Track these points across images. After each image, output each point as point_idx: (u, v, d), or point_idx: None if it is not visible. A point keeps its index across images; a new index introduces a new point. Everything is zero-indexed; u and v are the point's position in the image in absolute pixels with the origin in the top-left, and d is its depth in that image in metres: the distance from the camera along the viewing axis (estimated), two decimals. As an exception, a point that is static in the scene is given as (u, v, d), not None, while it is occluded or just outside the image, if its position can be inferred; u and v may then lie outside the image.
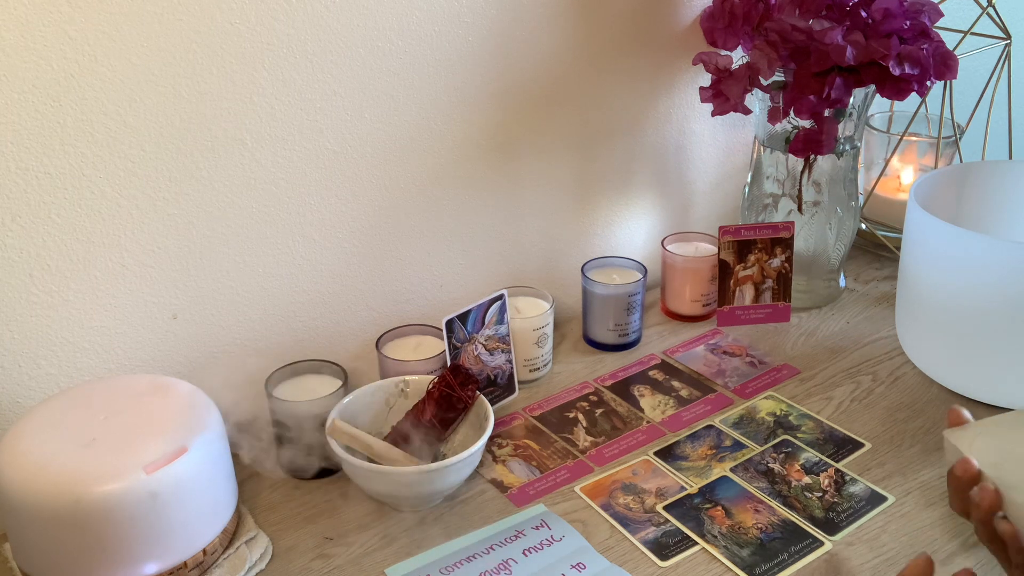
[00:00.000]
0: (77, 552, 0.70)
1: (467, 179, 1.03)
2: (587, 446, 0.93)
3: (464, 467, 0.83)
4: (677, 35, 1.13)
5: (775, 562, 0.78)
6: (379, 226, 0.99)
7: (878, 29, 0.96)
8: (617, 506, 0.85)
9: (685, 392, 1.02)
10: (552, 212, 1.13)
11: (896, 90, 0.97)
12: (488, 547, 0.80)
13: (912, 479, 0.87)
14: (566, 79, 1.06)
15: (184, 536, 0.74)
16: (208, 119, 0.84)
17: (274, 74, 0.86)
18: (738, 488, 0.87)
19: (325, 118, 0.91)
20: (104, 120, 0.79)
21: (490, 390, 0.97)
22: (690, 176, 1.24)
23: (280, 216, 0.92)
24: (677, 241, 1.17)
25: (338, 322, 1.00)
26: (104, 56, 0.77)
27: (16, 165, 0.77)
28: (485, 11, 0.97)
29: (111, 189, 0.82)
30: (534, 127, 1.06)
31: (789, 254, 1.11)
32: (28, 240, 0.80)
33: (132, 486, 0.69)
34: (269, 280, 0.94)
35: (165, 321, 0.89)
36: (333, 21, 0.88)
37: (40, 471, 0.70)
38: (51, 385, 0.85)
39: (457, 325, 0.92)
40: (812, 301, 1.18)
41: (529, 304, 1.04)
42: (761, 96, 1.08)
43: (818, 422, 0.96)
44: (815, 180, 1.11)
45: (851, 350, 1.08)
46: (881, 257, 1.29)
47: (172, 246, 0.87)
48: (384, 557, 0.80)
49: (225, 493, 0.79)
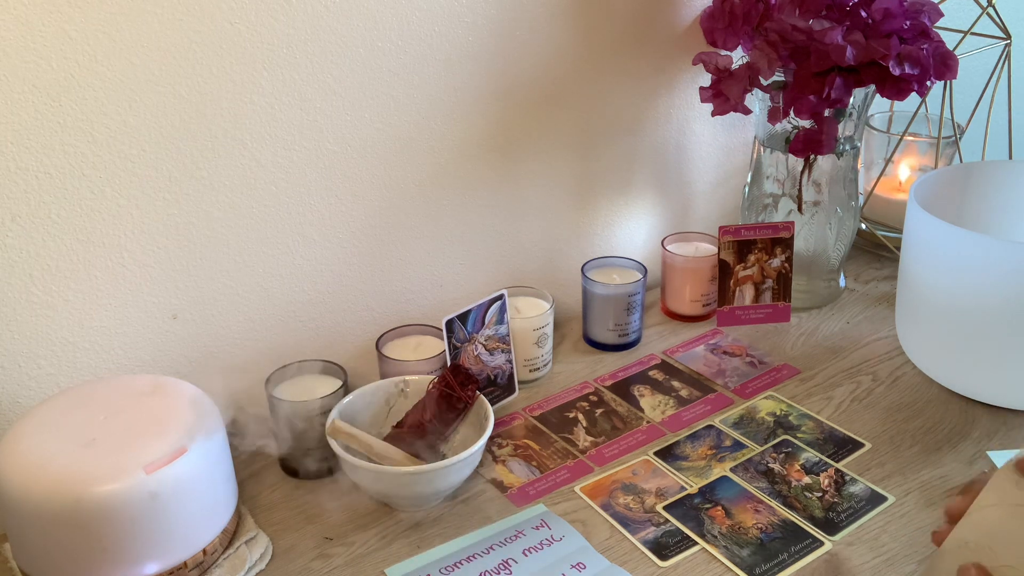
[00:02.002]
0: (77, 552, 0.70)
1: (467, 179, 1.03)
2: (587, 446, 0.93)
3: (464, 467, 0.83)
4: (677, 35, 1.13)
5: (775, 562, 0.78)
6: (379, 226, 0.99)
7: (878, 29, 0.96)
8: (617, 506, 0.85)
9: (685, 392, 1.02)
10: (552, 212, 1.12)
11: (896, 90, 0.97)
12: (488, 547, 0.80)
13: (912, 479, 0.87)
14: (566, 79, 1.06)
15: (184, 536, 0.74)
16: (208, 119, 0.84)
17: (274, 74, 0.86)
18: (738, 488, 0.87)
19: (325, 118, 0.91)
20: (104, 120, 0.79)
21: (490, 390, 0.97)
22: (690, 176, 1.24)
23: (280, 216, 0.92)
24: (677, 241, 1.17)
25: (338, 322, 1.00)
26: (104, 56, 0.77)
27: (16, 165, 0.77)
28: (485, 11, 0.97)
29: (111, 189, 0.82)
30: (534, 127, 1.06)
31: (789, 254, 1.11)
32: (28, 240, 0.80)
33: (132, 486, 0.69)
34: (269, 280, 0.94)
35: (165, 321, 0.89)
36: (333, 21, 0.88)
37: (40, 471, 0.70)
38: (51, 385, 0.85)
39: (457, 325, 0.92)
40: (812, 301, 1.18)
41: (529, 304, 1.04)
42: (761, 96, 1.08)
43: (818, 422, 0.96)
44: (815, 180, 1.11)
45: (851, 350, 1.08)
46: (881, 257, 1.29)
47: (172, 246, 0.87)
48: (384, 557, 0.80)
49: (225, 493, 0.79)
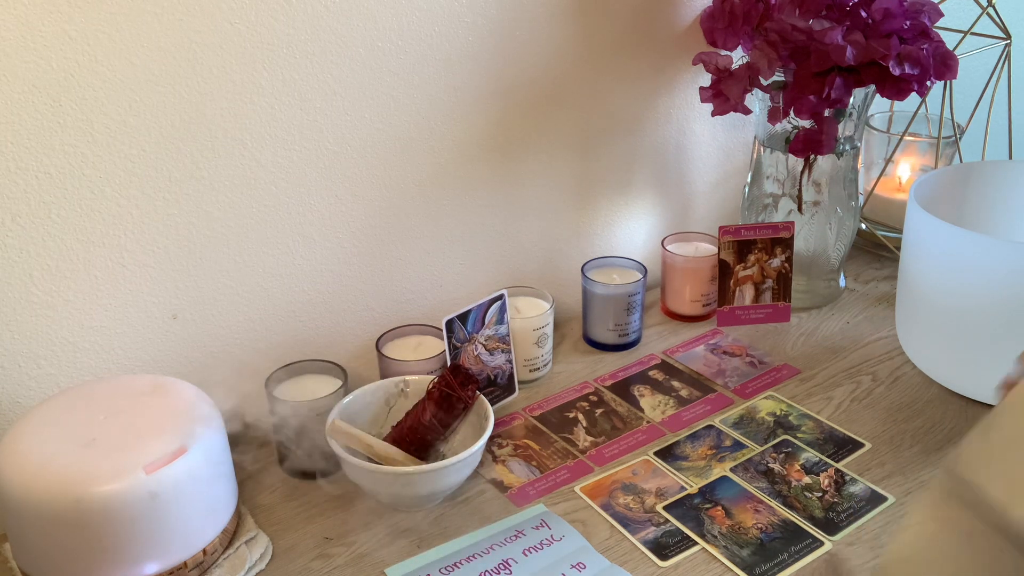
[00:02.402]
0: (77, 552, 0.70)
1: (467, 179, 1.03)
2: (587, 446, 0.93)
3: (464, 467, 0.83)
4: (677, 35, 1.13)
5: (775, 562, 0.78)
6: (379, 226, 0.99)
7: (878, 29, 0.96)
8: (617, 506, 0.85)
9: (685, 392, 1.02)
10: (552, 212, 1.12)
11: (896, 90, 0.97)
12: (488, 547, 0.80)
13: (912, 479, 0.87)
14: (566, 79, 1.06)
15: (184, 536, 0.74)
16: (208, 119, 0.84)
17: (274, 74, 0.86)
18: (738, 488, 0.87)
19: (325, 118, 0.91)
20: (104, 120, 0.79)
21: (490, 390, 0.97)
22: (690, 176, 1.24)
23: (280, 216, 0.92)
24: (677, 241, 1.17)
25: (338, 322, 1.00)
26: (104, 56, 0.77)
27: (16, 165, 0.77)
28: (485, 11, 0.97)
29: (111, 189, 0.82)
30: (534, 127, 1.06)
31: (789, 254, 1.11)
32: (28, 240, 0.80)
33: (132, 486, 0.69)
34: (269, 280, 0.94)
35: (165, 321, 0.89)
36: (333, 21, 0.88)
37: (40, 471, 0.70)
38: (51, 385, 0.85)
39: (457, 325, 0.92)
40: (812, 301, 1.18)
41: (529, 304, 1.04)
42: (761, 96, 1.08)
43: (818, 422, 0.96)
44: (815, 180, 1.11)
45: (851, 350, 1.08)
46: (881, 257, 1.29)
47: (172, 246, 0.87)
48: (384, 557, 0.80)
49: (225, 493, 0.79)
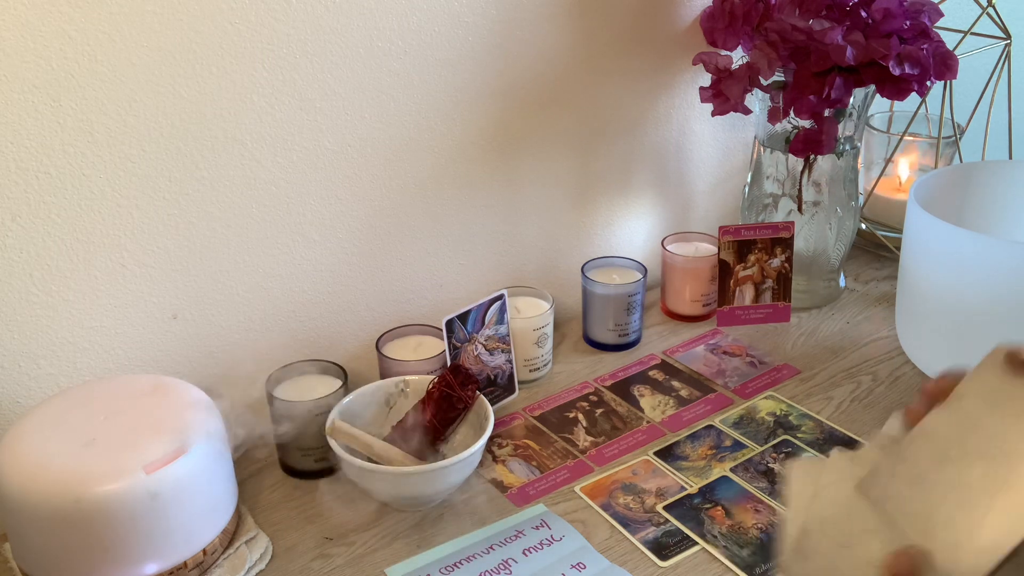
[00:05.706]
0: (77, 552, 0.70)
1: (467, 179, 1.03)
2: (587, 446, 0.93)
3: (464, 467, 0.82)
4: (677, 35, 1.13)
5: (775, 562, 0.78)
6: (379, 226, 0.99)
7: (878, 29, 0.96)
8: (617, 506, 0.85)
9: (685, 392, 1.02)
10: (552, 212, 1.12)
11: (896, 90, 0.97)
12: (488, 547, 0.80)
13: (912, 479, 0.87)
14: (566, 79, 1.06)
15: (184, 536, 0.74)
16: (208, 119, 0.84)
17: (274, 74, 0.86)
18: (738, 488, 0.87)
19: (325, 118, 0.91)
20: (104, 120, 0.79)
21: (490, 390, 0.97)
22: (690, 176, 1.24)
23: (280, 216, 0.92)
24: (677, 241, 1.17)
25: (338, 322, 1.00)
26: (104, 56, 0.77)
27: (16, 165, 0.77)
28: (485, 11, 0.97)
29: (111, 189, 0.82)
30: (534, 127, 1.06)
31: (789, 254, 1.11)
32: (28, 240, 0.79)
33: (132, 486, 0.69)
34: (269, 280, 0.94)
35: (165, 321, 0.89)
36: (333, 21, 0.88)
37: (40, 471, 0.70)
38: (51, 385, 0.85)
39: (457, 325, 0.92)
40: (812, 301, 1.18)
41: (529, 304, 1.04)
42: (761, 96, 1.08)
43: (818, 422, 0.96)
44: (815, 180, 1.11)
45: (851, 350, 1.08)
46: (881, 257, 1.29)
47: (172, 246, 0.87)
48: (384, 557, 0.80)
49: (225, 493, 0.79)
